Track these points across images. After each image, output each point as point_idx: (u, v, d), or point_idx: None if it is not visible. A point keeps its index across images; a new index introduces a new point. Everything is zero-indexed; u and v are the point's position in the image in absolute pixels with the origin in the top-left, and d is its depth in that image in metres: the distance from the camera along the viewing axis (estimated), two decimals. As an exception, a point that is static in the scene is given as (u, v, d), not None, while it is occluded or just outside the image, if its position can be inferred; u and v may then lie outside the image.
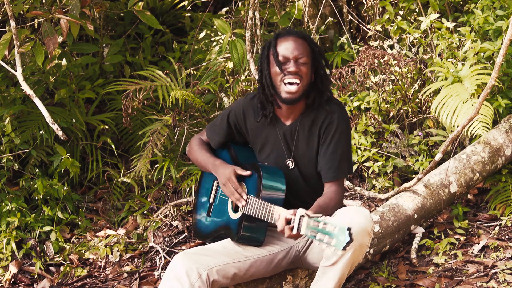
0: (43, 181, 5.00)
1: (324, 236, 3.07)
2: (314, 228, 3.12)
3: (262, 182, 3.54)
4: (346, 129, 3.61)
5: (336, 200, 3.53)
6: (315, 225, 3.12)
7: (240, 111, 3.75)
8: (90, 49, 5.54)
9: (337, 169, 3.56)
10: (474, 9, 4.85)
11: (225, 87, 5.46)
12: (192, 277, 3.41)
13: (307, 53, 3.53)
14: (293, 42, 3.53)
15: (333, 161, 3.56)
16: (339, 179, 3.58)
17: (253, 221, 3.56)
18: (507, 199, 4.54)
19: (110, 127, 5.66)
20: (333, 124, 3.58)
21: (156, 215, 4.99)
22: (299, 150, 3.65)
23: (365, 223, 3.35)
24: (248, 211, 3.54)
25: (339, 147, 3.57)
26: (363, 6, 5.51)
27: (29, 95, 4.31)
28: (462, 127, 4.09)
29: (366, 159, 4.92)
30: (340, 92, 5.11)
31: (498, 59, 3.96)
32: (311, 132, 3.62)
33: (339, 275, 3.37)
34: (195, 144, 3.91)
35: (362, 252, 3.39)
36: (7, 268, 4.70)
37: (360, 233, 3.32)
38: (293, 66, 3.50)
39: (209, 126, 3.91)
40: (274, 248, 3.67)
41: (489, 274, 3.97)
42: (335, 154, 3.56)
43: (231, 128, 3.80)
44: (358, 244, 3.33)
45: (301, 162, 3.66)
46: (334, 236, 3.04)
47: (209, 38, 6.01)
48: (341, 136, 3.58)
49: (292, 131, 3.64)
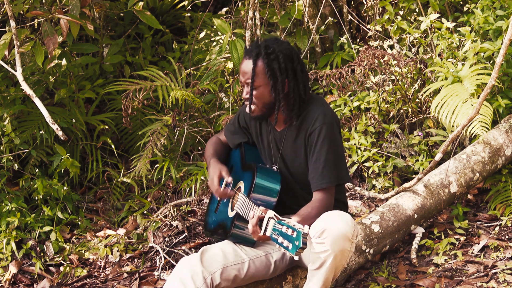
0: (43, 181, 5.00)
1: (284, 240, 3.10)
2: (278, 231, 3.14)
3: (254, 182, 3.54)
4: (331, 135, 3.51)
5: (319, 209, 3.47)
6: (279, 227, 3.14)
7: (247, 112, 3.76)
8: (90, 49, 5.54)
9: (320, 177, 3.50)
10: (474, 9, 4.85)
11: (225, 87, 5.46)
12: (197, 281, 3.46)
13: (256, 75, 3.46)
14: (244, 65, 3.50)
15: (316, 170, 3.51)
16: (323, 188, 3.50)
17: (244, 222, 3.57)
18: (507, 199, 4.54)
19: (110, 127, 5.65)
20: (315, 132, 3.51)
21: (156, 215, 4.99)
22: (287, 156, 3.65)
23: (345, 228, 3.33)
24: (239, 210, 3.57)
25: (322, 155, 3.50)
26: (363, 6, 5.51)
27: (29, 95, 4.31)
28: (462, 127, 4.09)
29: (366, 159, 4.92)
30: (340, 92, 5.11)
31: (498, 59, 3.96)
32: (297, 140, 3.60)
33: (324, 278, 3.40)
34: (209, 142, 3.96)
35: (344, 257, 3.38)
36: (7, 268, 4.70)
37: (340, 238, 3.32)
38: (244, 91, 3.52)
39: (226, 126, 3.95)
40: (269, 248, 3.68)
41: (489, 274, 3.97)
42: (318, 163, 3.51)
43: (241, 128, 3.85)
44: (338, 250, 3.33)
45: (291, 168, 3.65)
46: (291, 240, 3.05)
47: (209, 38, 6.01)
48: (324, 143, 3.50)
49: (281, 138, 3.65)
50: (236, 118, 3.87)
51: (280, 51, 3.48)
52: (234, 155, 3.93)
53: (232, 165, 3.92)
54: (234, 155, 3.93)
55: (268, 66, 3.47)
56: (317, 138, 3.50)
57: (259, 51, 3.47)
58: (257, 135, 3.78)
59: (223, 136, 3.97)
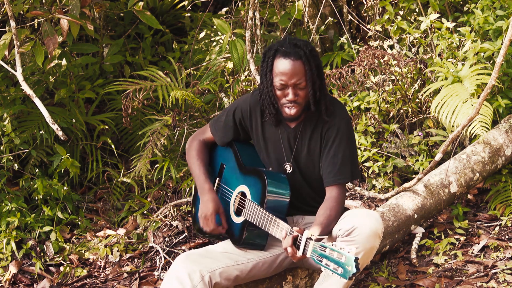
0: (43, 181, 5.00)
1: (330, 263, 3.07)
2: (321, 254, 3.12)
3: (267, 190, 3.51)
4: (348, 131, 3.56)
5: (337, 209, 3.48)
6: (322, 250, 3.12)
7: (247, 108, 3.69)
8: (90, 49, 5.54)
9: (337, 173, 3.51)
10: (474, 9, 4.85)
11: (225, 87, 5.46)
12: (194, 279, 3.42)
13: (303, 75, 3.46)
14: (290, 66, 3.45)
15: (333, 165, 3.52)
16: (340, 183, 3.52)
17: (256, 228, 3.54)
18: (507, 199, 4.54)
19: (110, 127, 5.65)
20: (334, 127, 3.53)
21: (156, 215, 4.99)
22: (300, 153, 3.62)
23: (375, 226, 3.35)
24: (252, 219, 3.53)
25: (340, 150, 3.52)
26: (363, 6, 5.51)
27: (29, 95, 4.31)
28: (462, 127, 4.09)
29: (366, 159, 4.92)
30: (340, 92, 5.11)
31: (498, 59, 3.96)
32: (313, 136, 3.59)
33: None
34: (194, 149, 3.82)
35: (371, 254, 3.40)
36: (7, 268, 4.70)
37: (371, 236, 3.33)
38: (291, 93, 3.46)
39: (213, 122, 3.83)
40: (276, 250, 3.65)
41: (489, 274, 3.97)
42: (336, 158, 3.52)
43: (236, 125, 3.74)
44: (369, 247, 3.34)
45: (302, 166, 3.63)
46: (341, 265, 3.03)
47: (209, 38, 6.01)
48: (342, 139, 3.53)
49: (295, 134, 3.62)
50: (230, 113, 3.73)
51: (313, 48, 3.52)
52: (223, 152, 3.82)
53: (222, 163, 3.83)
54: (223, 152, 3.82)
55: (316, 64, 3.49)
56: (336, 134, 3.52)
57: (304, 51, 3.46)
58: (258, 134, 3.71)
59: (205, 135, 3.85)
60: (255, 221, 3.50)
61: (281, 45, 3.48)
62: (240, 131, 3.76)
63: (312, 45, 3.53)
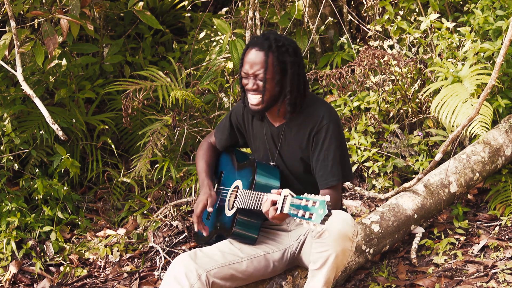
0: (43, 181, 5.00)
1: (305, 212, 3.08)
2: (296, 206, 3.13)
3: (255, 176, 3.56)
4: (337, 132, 3.55)
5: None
6: (298, 202, 3.13)
7: (240, 110, 3.77)
8: (90, 49, 5.54)
9: (329, 175, 3.52)
10: (474, 9, 4.85)
11: (225, 87, 5.46)
12: (191, 278, 3.45)
13: (268, 67, 3.45)
14: (253, 56, 3.47)
15: (325, 168, 3.52)
16: (332, 185, 3.52)
17: (246, 217, 3.59)
18: (507, 199, 4.54)
19: (110, 127, 5.65)
20: (322, 129, 3.53)
21: (156, 215, 4.99)
22: (285, 152, 3.64)
23: (345, 228, 3.35)
24: (242, 205, 3.57)
25: (330, 152, 3.52)
26: (363, 6, 5.51)
27: (29, 95, 4.31)
28: (462, 127, 4.09)
29: (366, 159, 4.92)
30: (340, 92, 5.11)
31: (498, 59, 3.96)
32: (298, 136, 3.60)
33: (325, 278, 3.40)
34: (201, 149, 3.95)
35: (345, 256, 3.40)
36: (7, 268, 4.70)
37: (341, 238, 3.34)
38: (251, 83, 3.49)
39: (217, 126, 3.94)
40: (268, 248, 3.68)
41: (489, 274, 3.97)
42: (326, 160, 3.52)
43: (233, 128, 3.83)
44: (339, 249, 3.35)
45: (288, 163, 3.65)
46: (313, 210, 3.04)
47: (209, 38, 6.01)
48: (332, 140, 3.52)
49: (278, 133, 3.64)
50: (227, 117, 3.84)
51: (289, 44, 3.50)
52: (223, 160, 3.93)
53: (221, 170, 3.93)
54: (223, 160, 3.93)
55: (280, 59, 3.47)
56: (325, 136, 3.52)
57: (270, 43, 3.47)
58: (249, 132, 3.76)
59: (212, 137, 3.96)
60: (245, 205, 3.54)
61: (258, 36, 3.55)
62: (237, 134, 3.84)
63: (288, 41, 3.50)
